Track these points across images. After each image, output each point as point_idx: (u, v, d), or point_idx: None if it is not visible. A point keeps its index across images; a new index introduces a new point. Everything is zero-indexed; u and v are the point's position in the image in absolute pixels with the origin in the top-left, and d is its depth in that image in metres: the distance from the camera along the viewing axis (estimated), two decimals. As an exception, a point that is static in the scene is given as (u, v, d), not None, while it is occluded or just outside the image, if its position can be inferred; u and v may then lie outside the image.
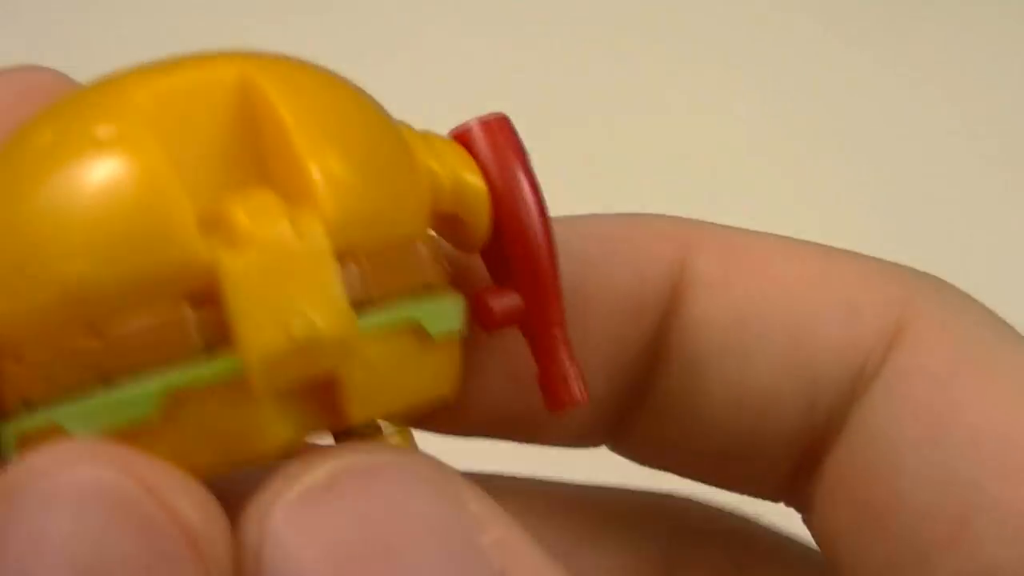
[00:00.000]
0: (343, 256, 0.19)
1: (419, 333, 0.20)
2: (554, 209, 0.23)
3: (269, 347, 0.18)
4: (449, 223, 0.22)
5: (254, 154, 0.20)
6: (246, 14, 0.58)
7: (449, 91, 0.54)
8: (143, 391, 0.19)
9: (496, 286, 0.22)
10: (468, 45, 0.58)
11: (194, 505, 0.18)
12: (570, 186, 0.51)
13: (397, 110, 0.22)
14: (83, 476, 0.18)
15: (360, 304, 0.19)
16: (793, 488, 0.24)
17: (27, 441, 0.19)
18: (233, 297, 0.18)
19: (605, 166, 0.54)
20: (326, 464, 0.19)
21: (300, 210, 0.19)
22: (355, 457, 0.19)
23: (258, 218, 0.19)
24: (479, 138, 0.22)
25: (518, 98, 0.55)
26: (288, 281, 0.19)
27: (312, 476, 0.19)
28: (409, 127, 0.22)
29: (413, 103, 0.53)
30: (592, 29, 0.58)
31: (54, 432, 0.19)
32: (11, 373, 0.19)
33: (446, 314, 0.21)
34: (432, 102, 0.54)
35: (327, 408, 0.19)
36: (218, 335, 0.19)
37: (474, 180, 0.22)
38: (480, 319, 0.22)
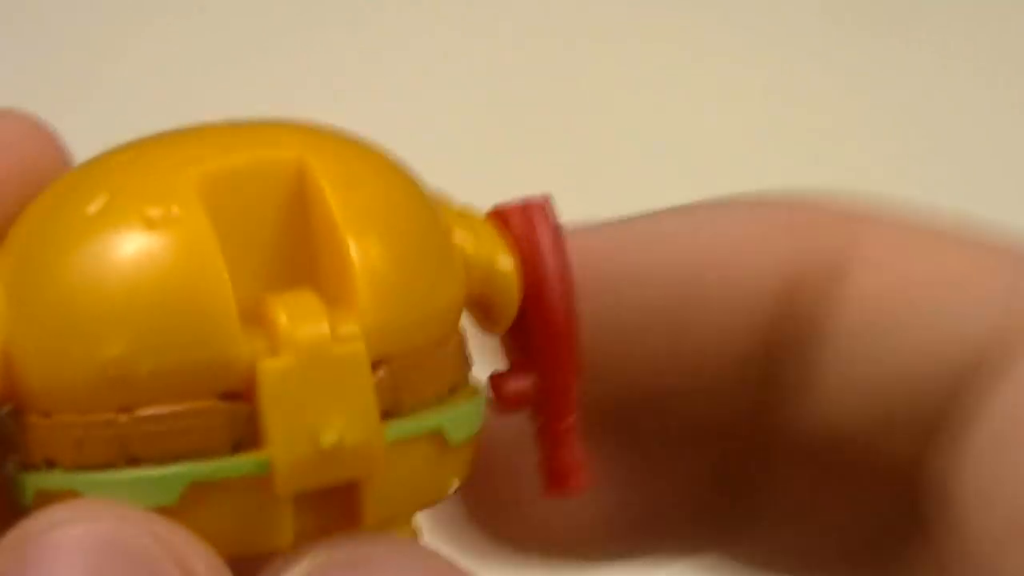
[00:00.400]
0: (377, 363, 0.19)
1: (439, 440, 0.20)
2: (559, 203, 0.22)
3: (296, 453, 0.19)
4: (477, 304, 0.22)
5: (303, 244, 0.20)
6: (246, 16, 0.58)
7: (448, 84, 0.54)
8: (167, 477, 0.19)
9: (512, 366, 0.23)
10: (466, 38, 0.57)
11: (209, 569, 0.19)
12: (568, 182, 0.51)
13: (398, 106, 0.21)
14: (100, 529, 0.18)
15: (388, 413, 0.20)
16: (920, 473, 0.24)
17: (45, 498, 0.20)
18: (267, 400, 0.19)
19: (601, 159, 0.54)
20: (311, 556, 0.19)
21: (341, 313, 0.19)
22: (343, 550, 0.19)
23: (299, 321, 0.19)
24: (516, 219, 0.22)
25: (519, 90, 0.55)
26: (322, 388, 0.19)
27: (296, 570, 0.19)
28: (448, 201, 0.22)
29: (412, 96, 0.53)
30: (590, 19, 0.58)
31: (72, 497, 0.19)
32: (37, 427, 0.20)
33: (467, 420, 0.21)
34: (431, 95, 0.54)
35: (343, 509, 0.20)
36: (246, 431, 0.19)
37: (506, 265, 0.22)
38: (494, 400, 0.22)
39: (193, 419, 0.19)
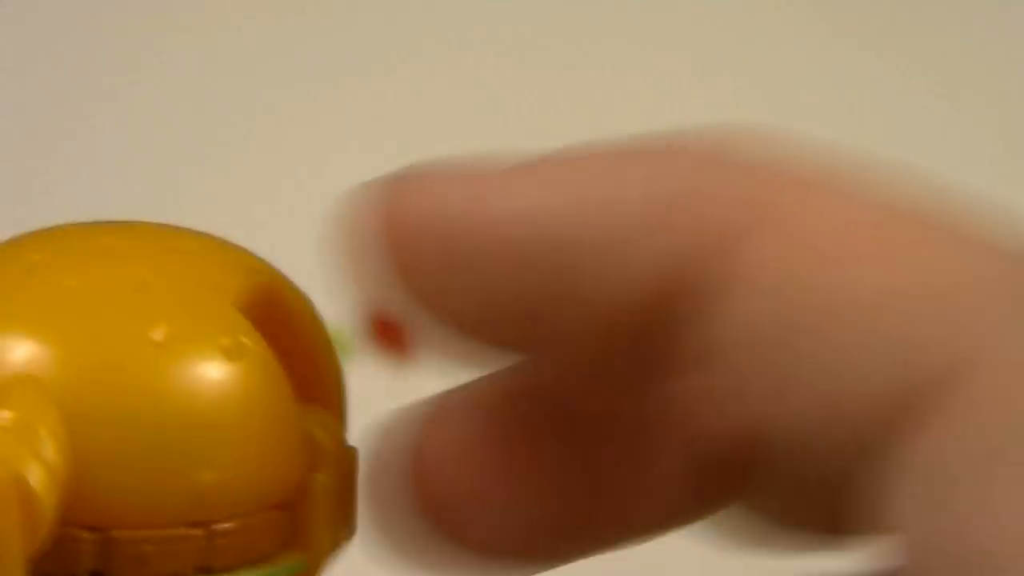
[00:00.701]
0: None
1: None
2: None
3: (327, 550, 0.22)
4: None
5: (286, 356, 0.22)
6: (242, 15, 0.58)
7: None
8: None
9: None
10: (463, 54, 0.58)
11: None
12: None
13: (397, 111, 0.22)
14: None
15: None
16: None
17: None
18: (319, 509, 0.22)
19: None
20: None
21: (339, 425, 0.23)
22: None
23: (330, 438, 0.22)
24: None
25: (515, 98, 0.56)
26: (345, 492, 0.22)
27: None
28: None
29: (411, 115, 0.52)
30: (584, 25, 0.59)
31: None
32: (83, 541, 0.21)
33: None
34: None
35: None
36: (288, 534, 0.22)
37: None
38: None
39: (259, 528, 0.22)
